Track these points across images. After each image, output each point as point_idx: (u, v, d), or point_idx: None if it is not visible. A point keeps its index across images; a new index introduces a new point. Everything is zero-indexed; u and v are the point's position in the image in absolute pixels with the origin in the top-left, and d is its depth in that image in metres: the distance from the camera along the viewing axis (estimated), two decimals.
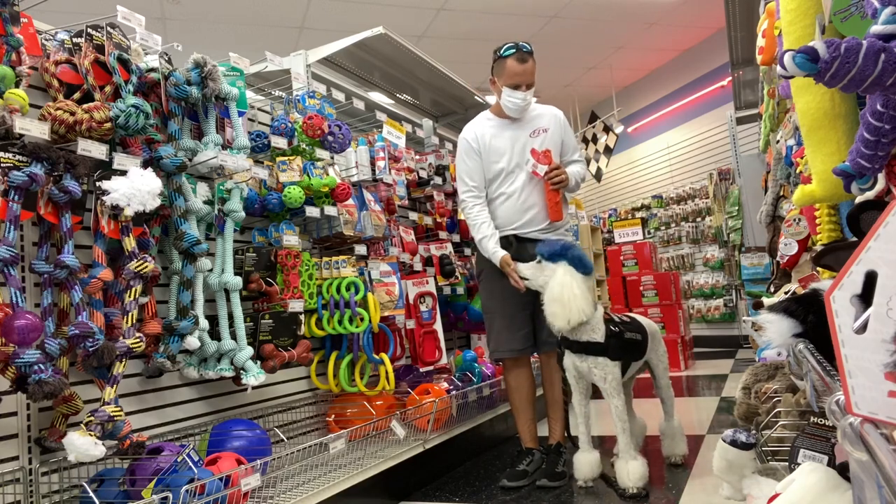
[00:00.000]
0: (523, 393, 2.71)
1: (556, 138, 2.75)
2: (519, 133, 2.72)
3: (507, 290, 2.63)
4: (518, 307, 2.66)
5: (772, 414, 1.92)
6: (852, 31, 1.01)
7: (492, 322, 2.74)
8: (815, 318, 1.16)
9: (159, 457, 1.68)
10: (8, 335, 1.44)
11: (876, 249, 0.63)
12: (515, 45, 2.62)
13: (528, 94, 2.65)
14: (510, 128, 2.73)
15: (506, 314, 2.68)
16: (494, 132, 2.73)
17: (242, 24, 6.04)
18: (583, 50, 7.50)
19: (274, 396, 2.48)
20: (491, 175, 2.72)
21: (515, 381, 2.72)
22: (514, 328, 2.67)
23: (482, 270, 2.78)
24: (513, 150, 2.69)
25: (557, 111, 2.83)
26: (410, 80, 4.12)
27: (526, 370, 2.72)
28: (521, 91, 2.61)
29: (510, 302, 2.66)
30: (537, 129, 2.73)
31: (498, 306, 2.70)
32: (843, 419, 0.65)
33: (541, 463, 2.63)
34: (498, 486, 2.54)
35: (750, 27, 3.91)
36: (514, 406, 2.74)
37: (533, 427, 2.71)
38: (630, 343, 2.39)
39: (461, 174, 2.75)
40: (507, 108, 2.68)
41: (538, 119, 2.76)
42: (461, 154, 2.76)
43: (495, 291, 2.71)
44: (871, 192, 1.02)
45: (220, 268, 2.11)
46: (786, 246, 2.24)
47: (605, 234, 8.00)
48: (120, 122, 1.69)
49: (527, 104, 2.67)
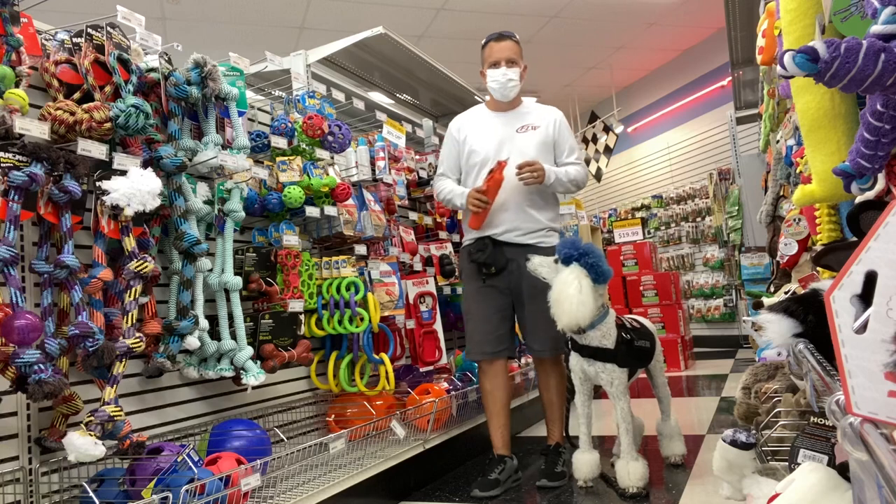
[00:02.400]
0: (497, 396, 2.61)
1: (545, 137, 2.67)
2: (505, 126, 2.68)
3: (482, 292, 2.62)
4: (493, 309, 2.62)
5: (772, 414, 1.92)
6: (852, 31, 1.01)
7: (468, 323, 2.71)
8: (815, 318, 1.16)
9: (159, 457, 1.68)
10: (8, 335, 1.44)
11: (876, 249, 0.63)
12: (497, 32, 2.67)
13: (510, 72, 2.61)
14: (497, 119, 2.70)
15: (480, 316, 2.64)
16: (480, 123, 2.72)
17: (242, 24, 6.04)
18: (583, 50, 7.50)
19: (274, 396, 2.48)
20: (467, 167, 2.70)
21: (490, 384, 2.63)
22: (487, 330, 2.62)
23: (461, 272, 2.78)
24: (494, 143, 2.65)
25: (557, 112, 2.77)
26: (410, 80, 4.12)
27: (501, 374, 2.63)
28: (500, 68, 2.61)
29: (485, 304, 2.63)
30: (526, 125, 2.68)
31: (473, 308, 2.67)
32: (843, 419, 0.65)
33: (513, 471, 2.56)
34: (469, 495, 2.45)
35: (750, 27, 3.91)
36: (487, 410, 2.65)
37: (506, 433, 2.62)
38: (639, 351, 2.38)
39: (441, 158, 2.83)
40: (492, 90, 2.67)
41: (529, 115, 2.72)
42: (444, 140, 2.83)
43: (471, 293, 2.69)
44: (871, 192, 1.02)
45: (220, 268, 2.11)
46: (786, 246, 2.24)
47: (605, 234, 8.00)
48: (120, 122, 1.69)
49: (509, 80, 2.62)
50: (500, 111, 2.73)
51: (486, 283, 2.62)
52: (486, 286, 2.62)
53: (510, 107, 2.73)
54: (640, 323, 2.49)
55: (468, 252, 2.65)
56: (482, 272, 2.61)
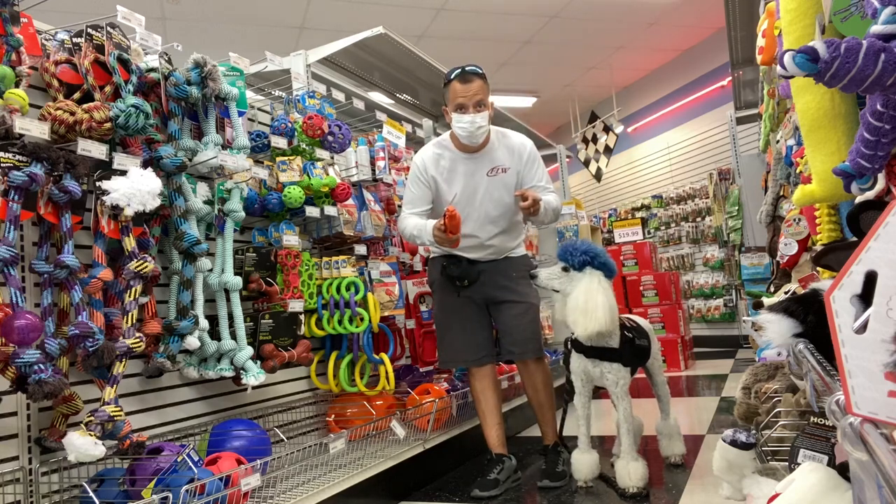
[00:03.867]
0: (488, 396, 2.65)
1: (514, 178, 2.58)
2: (475, 172, 2.56)
3: (457, 302, 2.64)
4: (469, 318, 2.64)
5: (772, 414, 1.92)
6: (852, 31, 1.01)
7: (442, 333, 2.72)
8: (815, 318, 1.15)
9: (159, 457, 1.68)
10: (8, 335, 1.44)
11: (876, 249, 0.63)
12: (461, 68, 2.49)
13: (478, 118, 2.44)
14: (466, 163, 2.57)
15: (458, 326, 2.65)
16: (449, 166, 2.58)
17: (242, 24, 6.04)
18: (583, 50, 7.50)
19: (274, 396, 2.48)
20: (439, 208, 2.54)
21: (479, 385, 2.67)
22: (465, 339, 2.64)
23: (433, 282, 2.78)
24: (466, 190, 2.54)
25: (525, 142, 2.63)
26: (410, 80, 4.12)
27: (489, 376, 2.67)
28: (467, 114, 2.44)
29: (461, 314, 2.65)
30: (496, 167, 2.56)
31: (449, 318, 2.68)
32: (843, 419, 0.65)
33: (512, 471, 2.56)
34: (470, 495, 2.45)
35: (750, 27, 3.91)
36: (479, 413, 2.69)
37: (501, 432, 2.64)
38: (640, 349, 2.42)
39: (406, 198, 2.64)
40: (459, 135, 2.50)
41: (496, 153, 2.57)
42: (411, 177, 2.64)
43: (445, 303, 2.71)
44: (871, 192, 1.02)
45: (220, 268, 2.11)
46: (786, 246, 2.24)
47: (605, 234, 8.00)
48: (120, 122, 1.69)
49: (478, 128, 2.45)
50: (468, 152, 2.57)
51: (461, 295, 2.63)
52: (461, 297, 2.64)
53: (478, 147, 2.57)
54: (637, 322, 2.51)
55: (441, 265, 2.64)
56: (456, 285, 2.62)
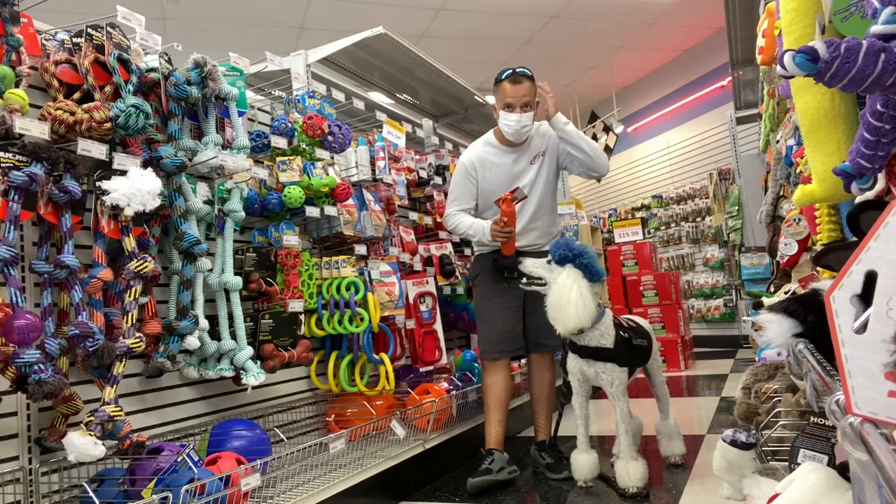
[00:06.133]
0: (496, 391, 2.69)
1: (554, 161, 2.76)
2: (518, 161, 2.72)
3: (497, 294, 2.70)
4: (507, 311, 2.69)
5: (772, 414, 1.92)
6: (852, 31, 1.01)
7: (484, 324, 2.77)
8: (815, 318, 1.16)
9: (159, 457, 1.68)
10: (8, 335, 1.44)
11: (876, 249, 0.63)
12: (512, 69, 2.61)
13: (524, 117, 2.59)
14: (510, 155, 2.72)
15: (500, 316, 2.70)
16: (494, 160, 2.73)
17: (242, 24, 6.03)
18: (583, 50, 7.50)
19: (274, 396, 2.48)
20: (486, 203, 2.74)
21: (491, 379, 2.71)
22: (506, 330, 2.69)
23: (477, 275, 2.83)
24: (510, 181, 2.69)
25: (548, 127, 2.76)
26: (410, 80, 4.12)
27: (504, 372, 2.71)
28: (514, 112, 2.58)
29: (504, 305, 2.70)
30: (537, 154, 2.74)
31: (492, 308, 2.73)
32: (843, 419, 0.65)
33: (504, 462, 2.57)
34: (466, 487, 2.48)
35: (750, 27, 3.91)
36: (486, 405, 2.71)
37: (500, 430, 2.67)
38: (637, 349, 2.41)
39: (453, 192, 2.79)
40: (504, 131, 2.66)
41: (535, 141, 2.74)
42: (458, 175, 2.78)
43: (487, 295, 2.76)
44: (871, 192, 1.02)
45: (220, 268, 2.11)
46: (786, 246, 2.24)
47: (605, 234, 8.00)
48: (120, 122, 1.69)
49: (523, 127, 2.61)
50: (512, 147, 2.73)
51: (509, 286, 2.67)
52: (510, 289, 2.67)
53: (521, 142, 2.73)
54: (637, 322, 2.50)
55: (492, 258, 2.71)
56: (505, 276, 2.67)
